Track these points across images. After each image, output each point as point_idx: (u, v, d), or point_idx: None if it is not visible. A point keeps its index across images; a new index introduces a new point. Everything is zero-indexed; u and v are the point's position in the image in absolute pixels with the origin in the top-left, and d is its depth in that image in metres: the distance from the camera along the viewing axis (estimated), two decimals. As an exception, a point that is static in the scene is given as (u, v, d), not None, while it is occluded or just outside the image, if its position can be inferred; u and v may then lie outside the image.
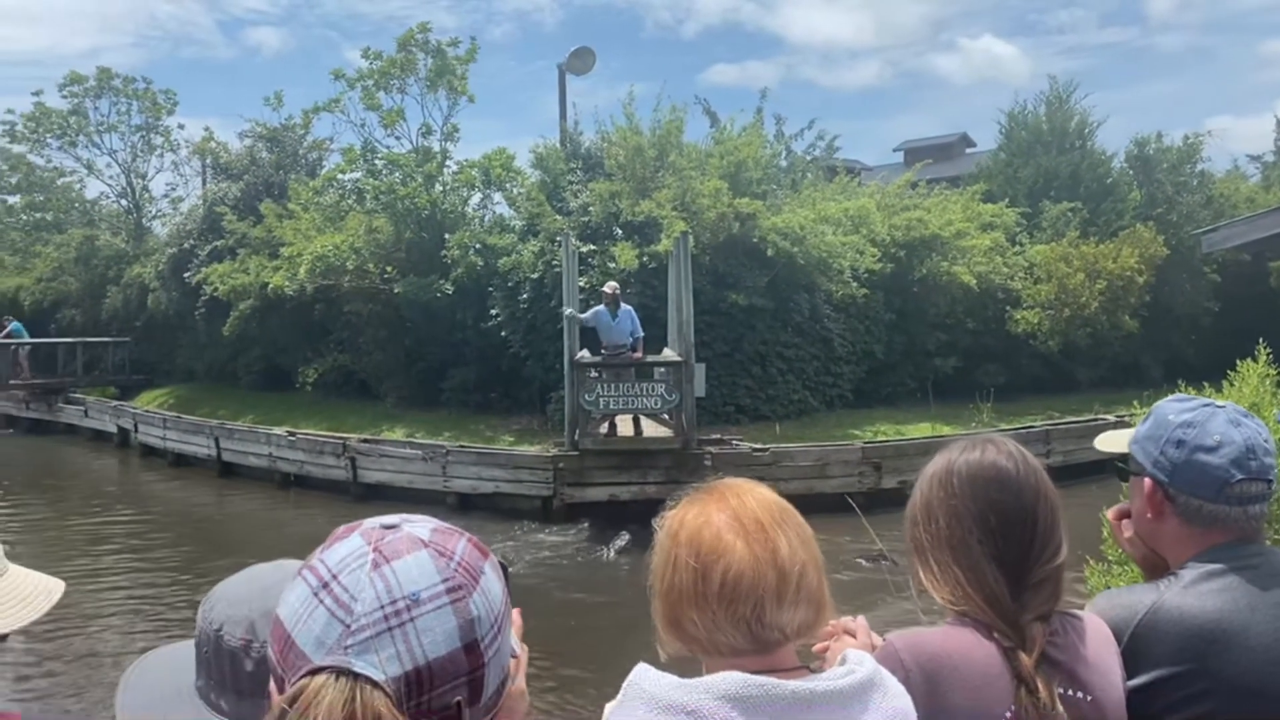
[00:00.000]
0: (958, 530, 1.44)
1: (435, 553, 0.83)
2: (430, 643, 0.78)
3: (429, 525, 0.87)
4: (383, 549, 0.82)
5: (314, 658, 0.77)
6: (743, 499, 1.21)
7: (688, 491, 1.28)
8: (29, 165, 31.66)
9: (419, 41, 19.26)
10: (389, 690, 0.75)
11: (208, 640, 1.13)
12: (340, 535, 0.86)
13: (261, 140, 24.36)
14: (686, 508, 1.24)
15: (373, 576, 0.80)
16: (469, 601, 0.82)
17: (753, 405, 16.21)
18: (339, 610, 0.79)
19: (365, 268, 18.03)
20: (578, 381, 13.03)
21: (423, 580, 0.80)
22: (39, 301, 28.57)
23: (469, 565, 0.84)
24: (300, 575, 0.83)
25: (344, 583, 0.80)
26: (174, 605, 10.29)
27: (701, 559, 1.16)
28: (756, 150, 17.69)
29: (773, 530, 1.17)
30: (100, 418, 23.19)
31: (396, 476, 15.16)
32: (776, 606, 1.14)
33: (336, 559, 0.82)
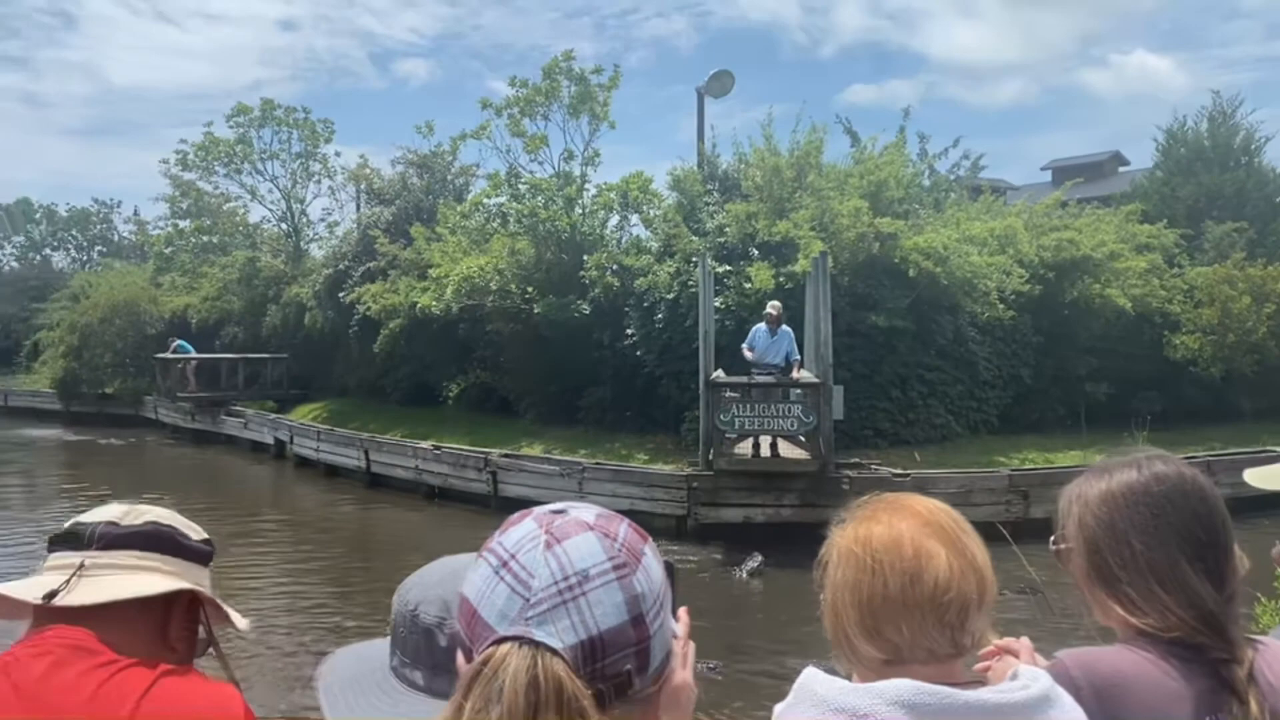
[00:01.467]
0: (1160, 550, 1.38)
1: (600, 534, 0.89)
2: (601, 615, 0.85)
3: (593, 510, 0.94)
4: (553, 531, 0.89)
5: (498, 629, 0.84)
6: (929, 509, 1.24)
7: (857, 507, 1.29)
8: (199, 191, 33.65)
9: (563, 69, 19.77)
10: (566, 657, 0.82)
11: (404, 620, 1.20)
12: (514, 521, 0.94)
13: (412, 166, 25.37)
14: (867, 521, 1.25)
15: (546, 556, 0.86)
16: (633, 579, 0.88)
17: (892, 429, 15.86)
18: (518, 586, 0.85)
19: (507, 288, 18.52)
20: (713, 401, 13.05)
21: (591, 558, 0.87)
22: (205, 319, 30.31)
23: (631, 546, 0.90)
24: (481, 556, 0.91)
25: (521, 561, 0.87)
26: (326, 606, 10.77)
27: (907, 565, 1.18)
28: (898, 169, 17.41)
29: (965, 537, 1.20)
30: (259, 430, 24.49)
31: (535, 491, 15.46)
32: (977, 612, 1.17)
33: (513, 541, 0.90)
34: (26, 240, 60.60)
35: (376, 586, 11.79)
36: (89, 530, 1.34)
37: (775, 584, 11.60)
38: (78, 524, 1.36)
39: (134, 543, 1.34)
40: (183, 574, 1.37)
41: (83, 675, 1.19)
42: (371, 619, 10.38)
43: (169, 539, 1.38)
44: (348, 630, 9.91)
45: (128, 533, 1.34)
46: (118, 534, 1.34)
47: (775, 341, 13.10)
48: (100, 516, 1.37)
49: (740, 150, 18.92)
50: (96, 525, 1.35)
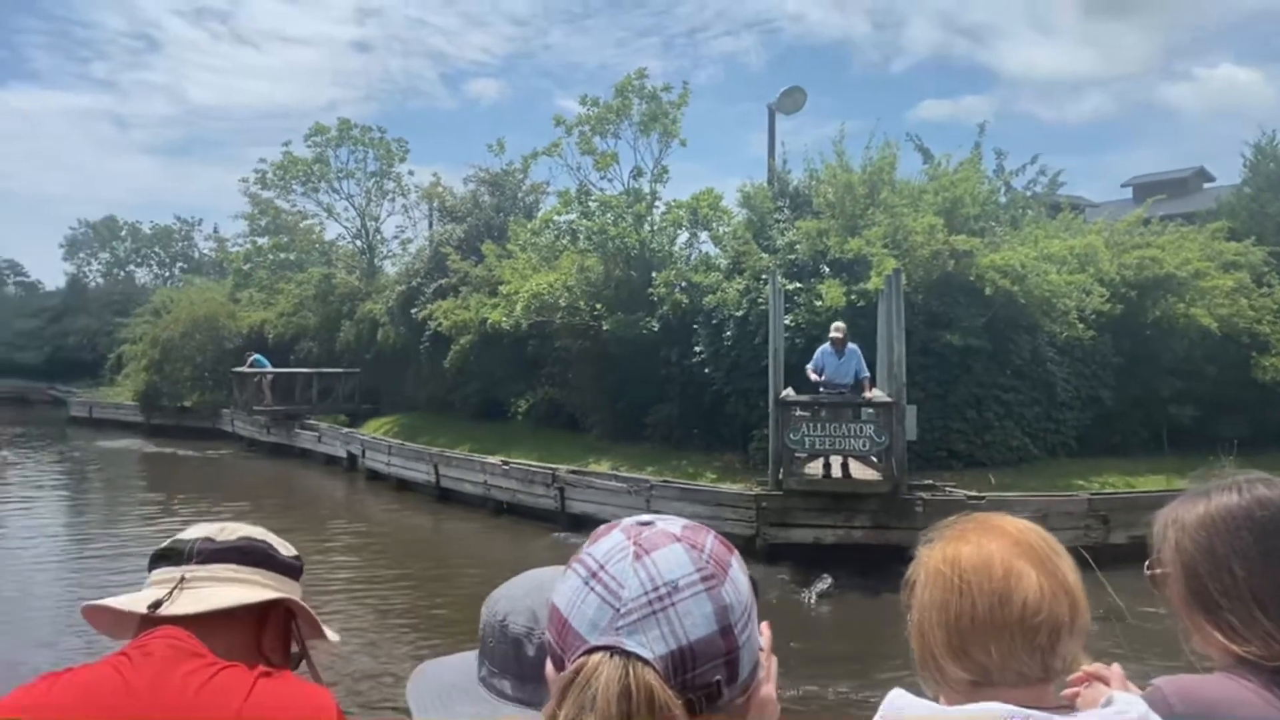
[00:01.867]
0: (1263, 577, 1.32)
1: (688, 546, 0.90)
2: (690, 625, 0.85)
3: (679, 522, 0.95)
4: (641, 542, 0.90)
5: (589, 638, 0.85)
6: (1020, 529, 1.22)
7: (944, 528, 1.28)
8: (277, 209, 34.53)
9: (635, 87, 19.88)
10: (657, 667, 0.83)
11: (493, 631, 1.23)
12: (602, 532, 0.95)
13: (484, 184, 25.71)
14: (955, 541, 1.24)
15: (635, 566, 0.87)
16: (721, 590, 0.88)
17: (967, 451, 15.53)
18: (609, 596, 0.86)
19: (576, 305, 18.62)
20: (783, 420, 12.91)
21: (679, 570, 0.88)
22: (281, 334, 31.00)
23: (718, 558, 0.91)
24: (570, 567, 0.92)
25: (611, 572, 0.88)
26: (401, 618, 10.86)
27: (996, 585, 1.16)
28: (974, 186, 17.11)
29: (1056, 559, 1.18)
30: (332, 443, 24.93)
31: (602, 509, 15.46)
32: (1069, 635, 1.14)
33: (602, 552, 0.91)
34: (112, 257, 62.71)
35: (450, 598, 11.88)
36: (188, 547, 1.42)
37: (846, 606, 11.40)
38: (177, 541, 1.44)
39: (229, 557, 1.41)
40: (276, 586, 1.44)
41: (189, 674, 1.25)
42: (444, 631, 10.44)
43: (262, 553, 1.45)
44: (422, 641, 9.97)
45: (223, 548, 1.42)
46: (214, 549, 1.41)
47: (843, 362, 12.94)
48: (197, 534, 1.44)
49: (811, 166, 18.81)
50: (194, 542, 1.42)
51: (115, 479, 24.97)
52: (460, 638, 9.98)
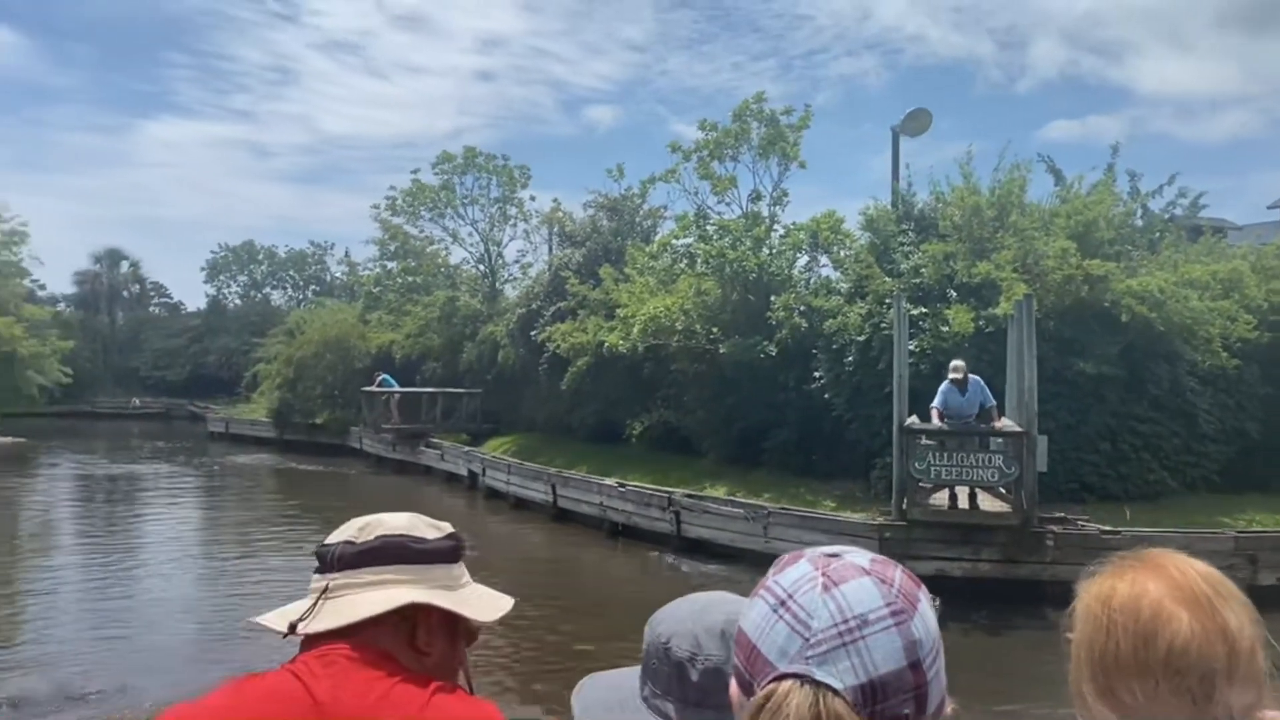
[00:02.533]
0: None
1: (877, 579, 0.90)
2: (880, 659, 0.85)
3: (867, 555, 0.95)
4: (830, 574, 0.90)
5: (778, 665, 0.87)
6: (1182, 570, 1.19)
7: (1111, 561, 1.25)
8: (405, 235, 35.73)
9: (754, 111, 19.87)
10: (847, 698, 0.83)
11: (656, 652, 1.24)
12: (788, 561, 0.96)
13: (602, 209, 26.05)
14: (1115, 576, 1.21)
15: (824, 598, 0.88)
16: (910, 625, 0.88)
17: (1100, 484, 14.87)
18: (798, 625, 0.87)
19: (693, 328, 18.63)
20: (907, 448, 12.60)
21: (869, 603, 0.88)
22: (408, 355, 31.92)
23: (907, 593, 0.91)
24: (758, 595, 0.94)
25: (800, 602, 0.89)
26: (523, 635, 10.98)
27: (1142, 626, 1.13)
28: (1108, 208, 16.48)
29: (1218, 602, 1.15)
30: (454, 461, 25.51)
31: (718, 534, 15.37)
32: (1227, 683, 1.10)
33: (790, 581, 0.92)
34: (249, 279, 65.75)
35: (570, 617, 11.97)
36: (332, 552, 1.41)
37: (971, 640, 11.02)
38: (323, 546, 1.43)
39: (368, 559, 1.40)
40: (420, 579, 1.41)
41: (368, 683, 1.27)
42: (564, 650, 10.52)
43: (400, 547, 1.42)
44: (554, 662, 10.07)
45: (362, 550, 1.40)
46: (354, 553, 1.40)
47: (968, 397, 12.54)
48: (340, 536, 1.43)
49: (937, 189, 18.39)
50: (336, 547, 1.42)
51: (249, 491, 26.11)
52: (581, 657, 10.04)
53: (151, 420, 52.09)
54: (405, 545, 1.42)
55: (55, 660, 10.18)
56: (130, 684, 9.41)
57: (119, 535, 18.63)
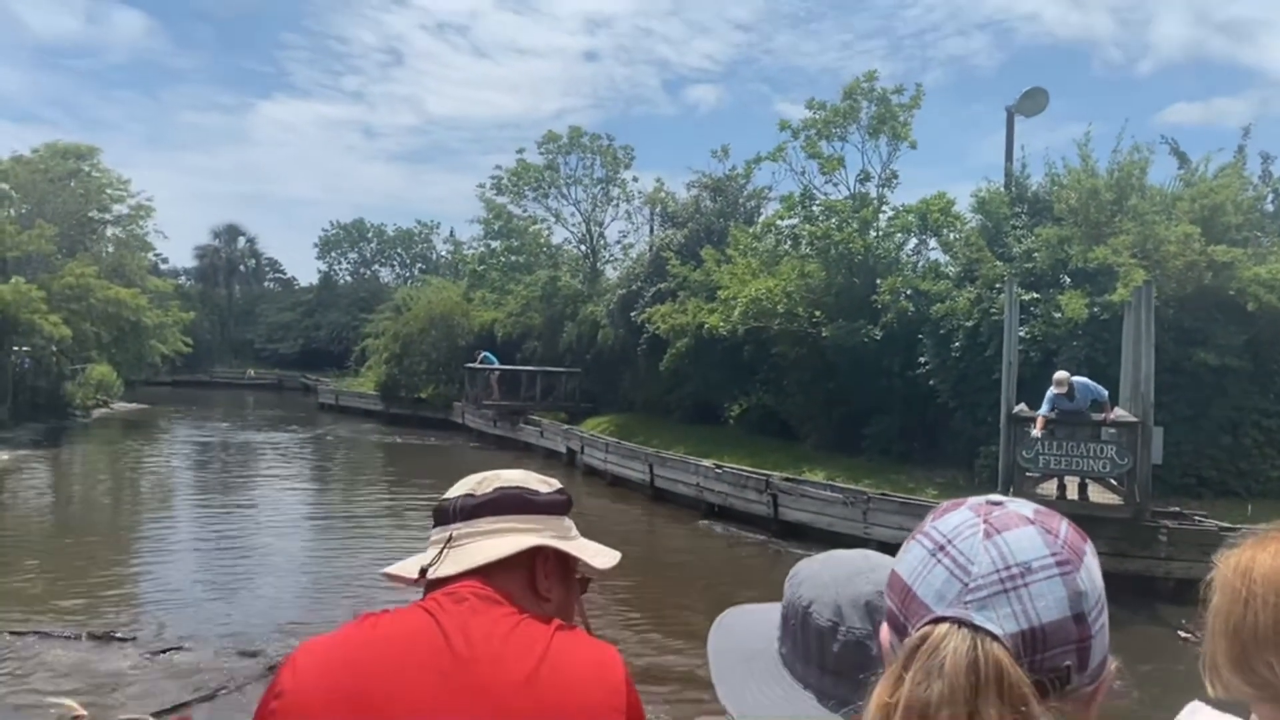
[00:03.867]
0: None
1: (1042, 529, 0.88)
2: (1043, 607, 0.83)
3: (1031, 506, 0.92)
4: (993, 521, 0.88)
5: (935, 608, 0.85)
6: None
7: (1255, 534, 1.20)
8: (509, 215, 36.23)
9: (864, 90, 19.52)
10: (1007, 644, 0.82)
11: (795, 614, 1.21)
12: (947, 508, 0.93)
13: (705, 190, 25.93)
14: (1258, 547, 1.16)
15: (986, 545, 0.86)
16: (1076, 576, 0.86)
17: (1218, 478, 14.26)
18: (957, 570, 0.86)
19: (795, 311, 18.45)
20: (1015, 436, 12.29)
21: (1032, 551, 0.86)
22: (510, 333, 32.43)
23: (1073, 545, 0.88)
24: (915, 539, 0.92)
25: (959, 547, 0.87)
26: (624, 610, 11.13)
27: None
28: (1236, 192, 15.68)
29: None
30: (553, 439, 25.86)
31: (816, 518, 15.24)
32: None
33: (949, 527, 0.89)
34: (359, 256, 67.65)
35: (668, 594, 12.08)
36: (453, 504, 1.48)
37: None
38: (444, 500, 1.50)
39: (487, 510, 1.46)
40: (539, 528, 1.47)
41: (497, 620, 1.32)
42: (660, 625, 10.61)
43: (517, 499, 1.48)
44: (651, 641, 10.18)
45: (482, 501, 1.46)
46: (474, 504, 1.46)
47: (1076, 402, 12.07)
48: (460, 490, 1.50)
49: (1052, 170, 17.78)
50: (457, 499, 1.48)
51: (357, 461, 26.97)
52: (674, 633, 10.12)
53: (265, 390, 54.19)
54: (522, 496, 1.48)
55: (176, 604, 10.76)
56: (243, 630, 9.89)
57: (234, 498, 19.48)
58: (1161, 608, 11.31)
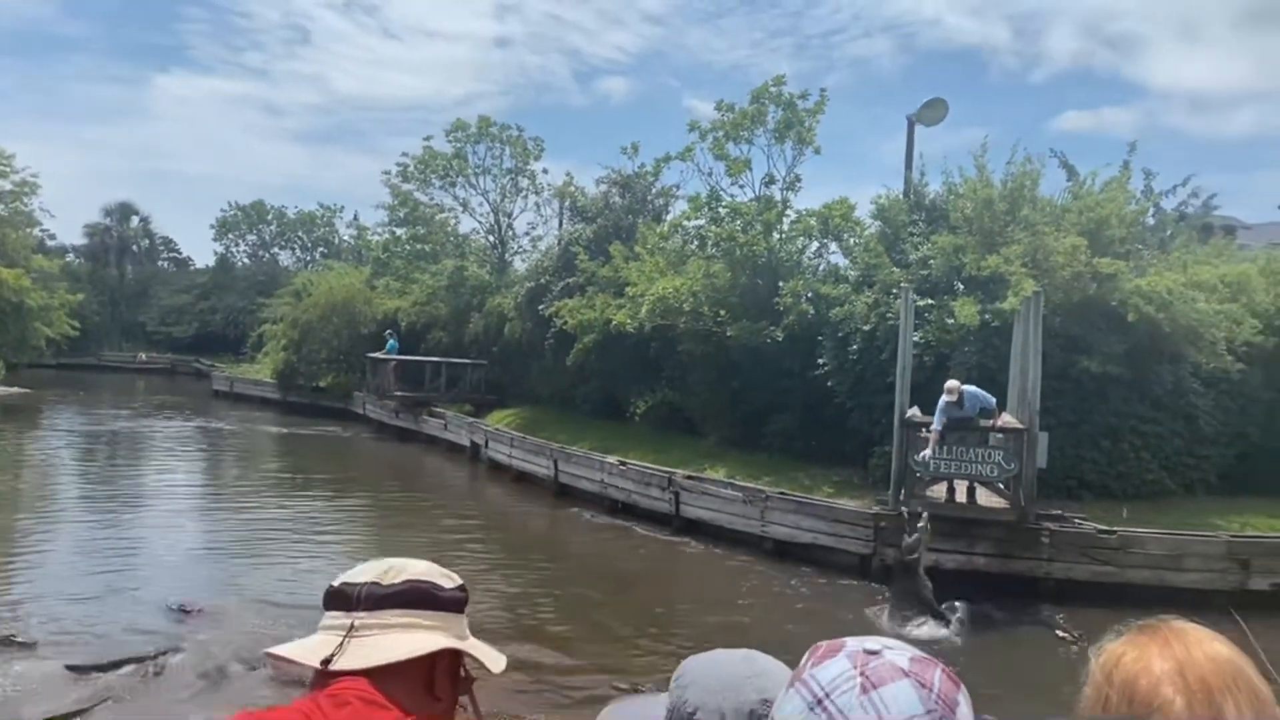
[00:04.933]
0: None
1: (916, 682, 0.89)
2: None
3: (907, 654, 0.94)
4: (869, 674, 0.90)
5: None
6: (1190, 651, 1.14)
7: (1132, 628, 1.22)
8: (415, 202, 35.65)
9: (771, 94, 19.79)
10: None
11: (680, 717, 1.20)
12: (826, 654, 0.95)
13: (615, 186, 25.95)
14: (1127, 646, 1.19)
15: (862, 700, 0.87)
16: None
17: (1098, 482, 14.93)
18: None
19: (700, 310, 18.66)
20: (907, 440, 12.68)
21: (907, 709, 0.87)
22: (414, 323, 31.94)
23: (946, 697, 0.90)
24: (794, 688, 0.93)
25: (837, 703, 0.88)
26: (521, 606, 11.11)
27: (1133, 708, 1.11)
28: (1120, 206, 16.40)
29: (1220, 694, 1.09)
30: (457, 432, 25.62)
31: (716, 515, 15.48)
32: None
33: (828, 678, 0.91)
34: (258, 239, 65.73)
35: (569, 593, 12.10)
36: (356, 591, 1.41)
37: (965, 635, 11.12)
38: (346, 584, 1.43)
39: (395, 602, 1.41)
40: (442, 626, 1.44)
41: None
42: (561, 627, 10.64)
43: (427, 594, 1.44)
44: (548, 636, 10.20)
45: (390, 593, 1.41)
46: (381, 594, 1.41)
47: (966, 411, 12.50)
48: (364, 577, 1.44)
49: (950, 179, 18.32)
50: (362, 586, 1.42)
51: (252, 451, 26.27)
52: (580, 631, 10.16)
53: (156, 376, 52.37)
54: (430, 592, 1.44)
55: (53, 605, 10.36)
56: (115, 638, 9.58)
57: (117, 489, 18.81)
58: (1043, 607, 11.83)
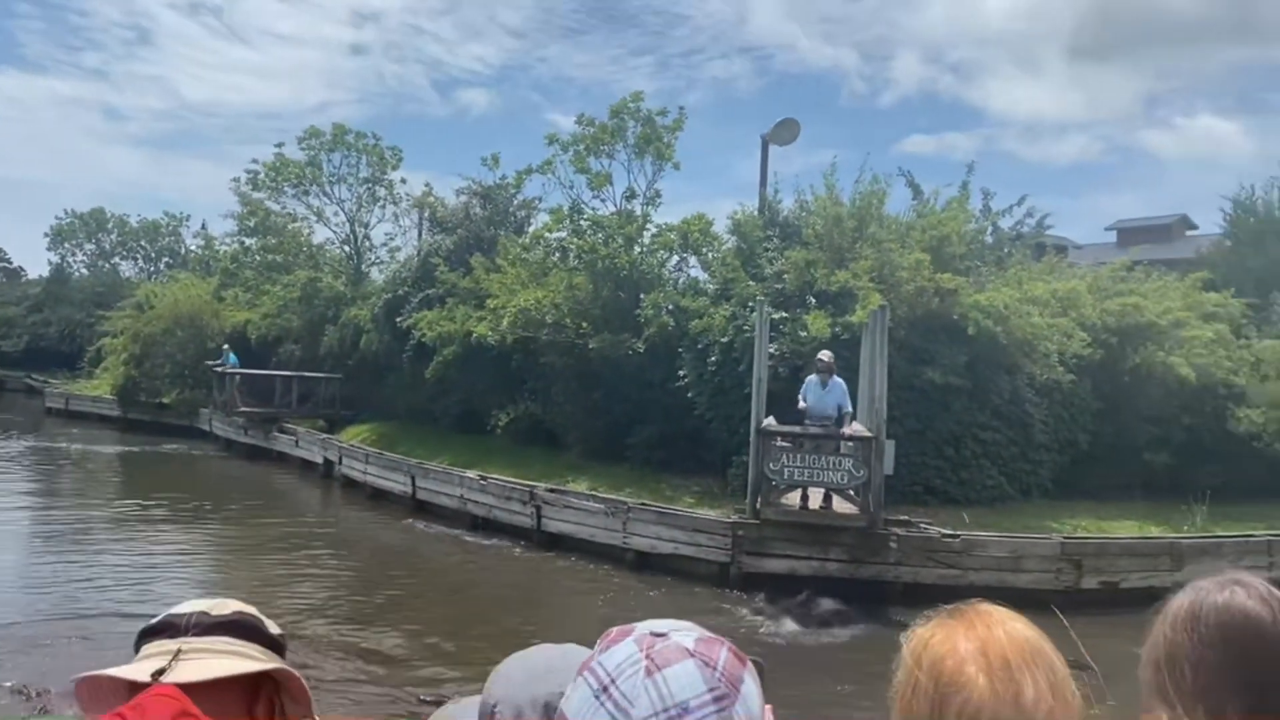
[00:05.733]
0: (1206, 683, 1.33)
1: (701, 662, 0.91)
2: None
3: (693, 635, 0.95)
4: (654, 657, 0.90)
5: None
6: (992, 630, 1.18)
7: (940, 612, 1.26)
8: (266, 211, 34.38)
9: (631, 110, 20.00)
10: None
11: (485, 713, 1.20)
12: (616, 638, 0.95)
13: (476, 197, 25.69)
14: (934, 629, 1.23)
15: (647, 684, 0.88)
16: (731, 710, 0.89)
17: (943, 487, 15.62)
18: (619, 714, 0.88)
19: (563, 322, 18.66)
20: (763, 450, 12.96)
21: (690, 689, 0.88)
22: (264, 335, 30.82)
23: (730, 674, 0.91)
24: (582, 676, 0.93)
25: (622, 689, 0.89)
26: (365, 630, 10.81)
27: (940, 688, 1.14)
28: (961, 225, 17.27)
29: (1020, 670, 1.13)
30: (309, 448, 24.79)
31: (578, 528, 15.46)
32: None
33: (614, 664, 0.91)
34: (97, 248, 62.28)
35: (420, 611, 11.85)
36: (184, 620, 1.39)
37: (817, 639, 11.43)
38: (172, 615, 1.41)
39: (225, 630, 1.40)
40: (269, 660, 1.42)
41: None
42: (406, 647, 10.41)
43: (254, 628, 1.43)
44: (393, 658, 9.95)
45: (219, 622, 1.40)
46: (210, 623, 1.39)
47: (828, 393, 12.99)
48: (191, 609, 1.42)
49: (802, 197, 18.93)
50: (190, 615, 1.40)
51: (88, 471, 24.78)
52: (423, 658, 9.97)
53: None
54: (259, 628, 1.43)
55: None
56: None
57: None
58: (891, 610, 12.25)
